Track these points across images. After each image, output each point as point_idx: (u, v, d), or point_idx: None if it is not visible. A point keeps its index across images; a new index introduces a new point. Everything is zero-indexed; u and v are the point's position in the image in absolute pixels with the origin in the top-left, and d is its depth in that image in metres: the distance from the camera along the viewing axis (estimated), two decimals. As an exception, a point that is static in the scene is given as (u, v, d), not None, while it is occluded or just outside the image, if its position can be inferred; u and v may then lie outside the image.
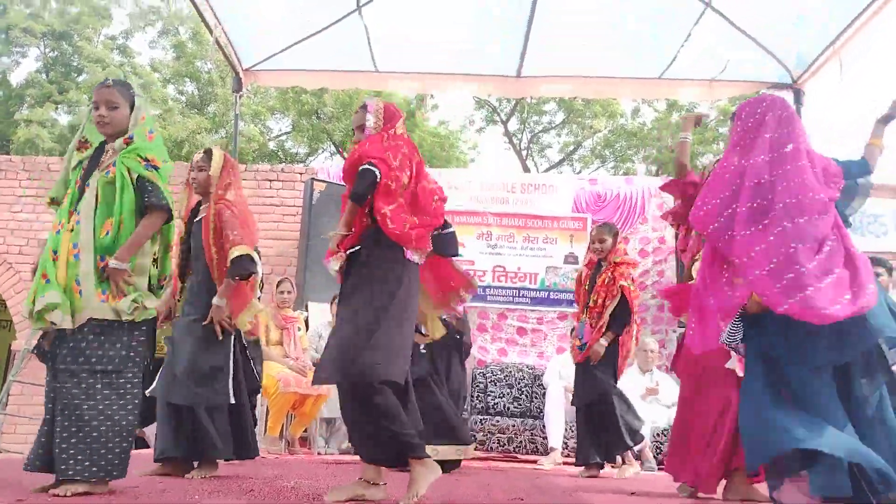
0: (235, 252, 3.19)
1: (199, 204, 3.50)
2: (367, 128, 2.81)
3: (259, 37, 5.72)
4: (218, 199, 3.34)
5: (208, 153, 3.46)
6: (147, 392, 3.18)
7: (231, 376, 3.29)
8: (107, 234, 2.51)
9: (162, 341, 3.39)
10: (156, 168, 2.60)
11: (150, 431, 7.69)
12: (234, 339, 3.36)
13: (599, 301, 4.47)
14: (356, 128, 2.88)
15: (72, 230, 2.51)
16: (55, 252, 2.50)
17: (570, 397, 5.58)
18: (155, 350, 2.66)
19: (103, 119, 2.62)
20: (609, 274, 4.47)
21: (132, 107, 2.66)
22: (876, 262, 4.48)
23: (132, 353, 2.52)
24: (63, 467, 2.38)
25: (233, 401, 3.27)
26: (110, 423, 2.45)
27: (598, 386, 4.45)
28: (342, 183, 6.89)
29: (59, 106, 14.53)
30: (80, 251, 2.48)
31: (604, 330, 4.41)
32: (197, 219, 3.43)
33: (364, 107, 2.86)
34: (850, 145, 2.55)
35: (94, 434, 2.42)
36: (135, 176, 2.56)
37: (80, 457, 2.40)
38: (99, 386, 2.45)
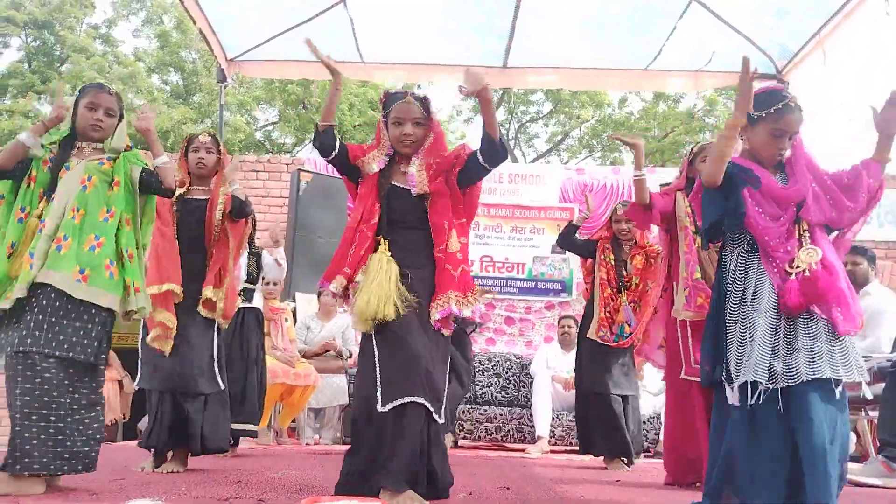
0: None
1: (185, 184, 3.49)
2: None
3: (243, 27, 5.67)
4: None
5: (213, 137, 3.50)
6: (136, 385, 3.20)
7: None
8: (105, 219, 2.54)
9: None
10: None
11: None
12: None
13: (641, 285, 4.23)
14: (412, 119, 2.54)
15: (39, 216, 2.50)
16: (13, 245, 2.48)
17: (557, 387, 5.63)
18: (110, 344, 2.63)
19: (100, 124, 2.66)
20: (642, 257, 4.27)
21: (119, 118, 2.73)
22: (856, 251, 4.46)
23: (104, 345, 2.53)
24: (31, 461, 2.34)
25: (222, 387, 3.31)
26: (88, 420, 2.46)
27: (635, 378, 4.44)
28: (329, 174, 6.89)
29: (42, 96, 14.36)
30: (47, 228, 2.46)
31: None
32: (190, 197, 3.42)
33: (425, 98, 2.59)
34: (835, 134, 2.54)
35: (71, 427, 2.41)
36: (136, 177, 2.66)
37: (55, 450, 2.38)
38: (75, 376, 2.44)
